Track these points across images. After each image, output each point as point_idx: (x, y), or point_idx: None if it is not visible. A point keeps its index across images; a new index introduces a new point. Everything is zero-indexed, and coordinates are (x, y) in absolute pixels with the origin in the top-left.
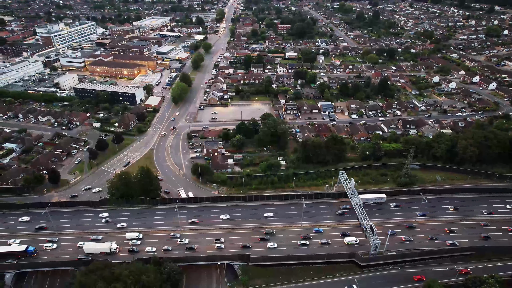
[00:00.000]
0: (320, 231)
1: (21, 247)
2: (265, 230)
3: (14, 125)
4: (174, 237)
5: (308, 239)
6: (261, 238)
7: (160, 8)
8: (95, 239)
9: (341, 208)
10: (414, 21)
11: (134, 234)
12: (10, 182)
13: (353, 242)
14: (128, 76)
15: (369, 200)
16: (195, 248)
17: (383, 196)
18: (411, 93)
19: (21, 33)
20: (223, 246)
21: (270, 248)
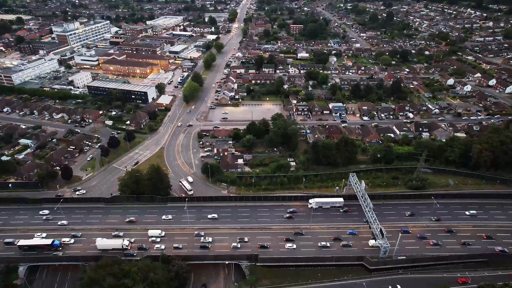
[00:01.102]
0: (354, 233)
1: (47, 241)
2: (294, 231)
3: (29, 121)
4: (198, 235)
5: (339, 240)
6: (287, 239)
7: (173, 8)
8: (117, 236)
9: (288, 211)
10: (429, 22)
11: (156, 232)
12: (24, 177)
13: (377, 244)
14: (141, 74)
15: (326, 203)
16: (209, 247)
17: (340, 200)
18: (424, 96)
19: (38, 32)
20: (239, 246)
21: (289, 249)
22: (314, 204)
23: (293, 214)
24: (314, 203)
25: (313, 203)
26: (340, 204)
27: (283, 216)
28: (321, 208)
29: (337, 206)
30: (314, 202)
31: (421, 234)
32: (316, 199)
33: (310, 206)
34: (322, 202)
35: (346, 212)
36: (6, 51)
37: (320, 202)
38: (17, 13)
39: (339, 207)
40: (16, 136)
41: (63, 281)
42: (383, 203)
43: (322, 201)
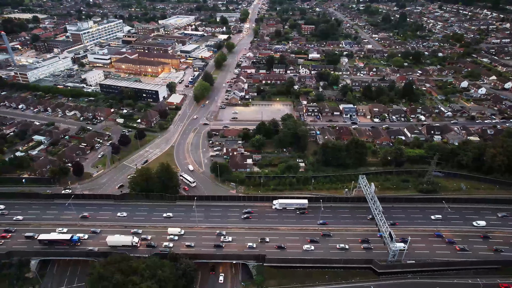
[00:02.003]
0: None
1: (66, 236)
2: (322, 232)
3: (43, 118)
4: (220, 234)
5: (367, 242)
6: (311, 240)
7: (185, 7)
8: (136, 233)
9: (244, 211)
10: (443, 23)
11: (176, 230)
12: (38, 173)
13: (401, 247)
14: (152, 73)
15: (290, 205)
16: (223, 247)
17: (304, 202)
18: (437, 98)
19: (53, 30)
20: (254, 246)
21: (307, 250)
22: (278, 205)
23: (250, 215)
24: (278, 204)
25: (277, 204)
26: (305, 206)
27: (293, 216)
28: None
29: (302, 208)
30: (278, 203)
31: (449, 238)
32: (280, 200)
33: (274, 207)
34: (286, 204)
35: (303, 214)
36: (22, 49)
37: (284, 203)
38: (33, 12)
39: (303, 209)
40: (30, 133)
41: (73, 275)
42: (393, 206)
43: (286, 203)
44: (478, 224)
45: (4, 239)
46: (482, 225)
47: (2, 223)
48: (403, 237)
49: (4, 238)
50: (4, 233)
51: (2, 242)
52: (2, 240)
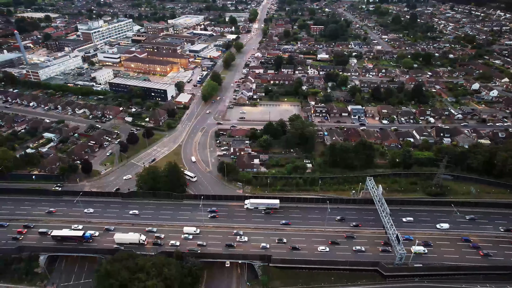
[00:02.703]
0: (410, 239)
1: (79, 233)
2: (346, 234)
3: (53, 116)
4: (237, 234)
5: (388, 245)
6: (333, 242)
7: (195, 7)
8: (150, 231)
9: (209, 210)
10: (454, 24)
11: (191, 229)
12: (47, 170)
13: (421, 251)
14: (161, 72)
15: (261, 205)
16: (234, 246)
17: (276, 202)
18: (447, 100)
19: (64, 29)
20: (268, 246)
21: (322, 251)
22: (249, 205)
23: (216, 214)
24: (249, 204)
25: (249, 204)
26: (276, 206)
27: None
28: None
29: (273, 208)
30: (250, 203)
31: (474, 243)
32: (251, 200)
33: (246, 207)
34: (257, 203)
35: (268, 214)
36: (34, 48)
37: (256, 203)
38: (45, 11)
39: (275, 209)
40: (40, 130)
41: (81, 271)
42: (400, 209)
43: (258, 202)
44: (441, 226)
45: (21, 234)
46: (445, 227)
47: (21, 218)
48: (426, 240)
49: (21, 233)
50: (20, 229)
51: (21, 237)
52: (21, 235)
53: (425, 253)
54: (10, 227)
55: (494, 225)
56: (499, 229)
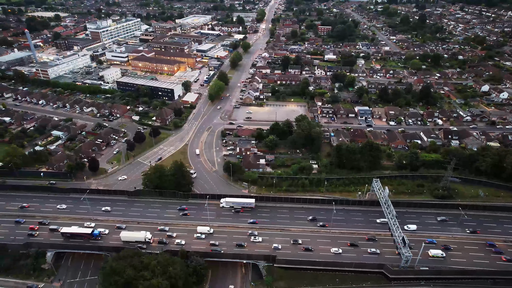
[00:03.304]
0: (434, 242)
1: (87, 230)
2: (367, 237)
3: (62, 114)
4: (252, 234)
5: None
6: (352, 244)
7: (202, 7)
8: (163, 230)
9: (178, 208)
10: (464, 25)
11: (205, 228)
12: (55, 167)
13: (439, 255)
14: (168, 72)
15: (237, 204)
16: (245, 246)
17: (251, 201)
18: (456, 102)
19: (74, 29)
20: (280, 247)
21: (335, 253)
22: (224, 203)
23: (188, 212)
24: (225, 202)
25: (224, 203)
26: (251, 205)
27: (307, 218)
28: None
29: (248, 207)
30: (225, 201)
31: (498, 248)
32: (227, 199)
33: (221, 205)
34: (233, 202)
35: (238, 212)
36: (44, 47)
37: (231, 202)
38: (55, 10)
39: (250, 208)
40: (49, 128)
41: (87, 268)
42: (407, 211)
43: (233, 201)
44: (409, 228)
45: (33, 231)
46: (413, 229)
47: (36, 215)
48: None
49: (33, 229)
50: (32, 225)
51: (37, 234)
52: (36, 232)
53: (443, 257)
54: (27, 223)
55: (503, 229)
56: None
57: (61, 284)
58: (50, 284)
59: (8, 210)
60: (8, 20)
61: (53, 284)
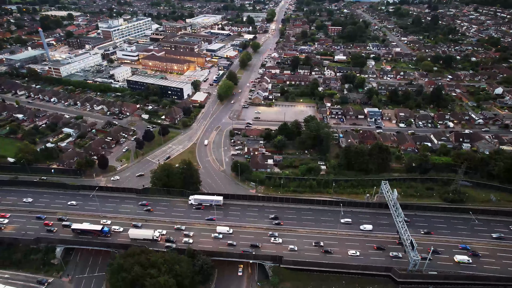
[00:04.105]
0: (467, 248)
1: (97, 227)
2: (398, 240)
3: (72, 111)
4: (272, 235)
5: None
6: (378, 247)
7: (213, 7)
8: (179, 229)
9: (140, 203)
10: (478, 27)
11: (225, 228)
12: (65, 164)
13: (465, 260)
14: (178, 71)
15: (205, 201)
16: (259, 246)
17: (219, 199)
18: (468, 105)
19: (86, 27)
20: (295, 248)
21: (352, 256)
22: (193, 201)
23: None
24: (193, 200)
25: (192, 200)
26: (219, 203)
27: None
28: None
29: (217, 204)
30: (193, 199)
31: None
32: (195, 196)
33: (190, 202)
34: (201, 199)
35: (199, 209)
36: (56, 45)
37: (200, 199)
38: (68, 9)
39: (218, 205)
40: (60, 125)
41: (95, 264)
42: (415, 214)
43: (201, 198)
44: (364, 228)
45: (47, 226)
46: (369, 229)
47: (56, 211)
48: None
49: (47, 225)
50: (47, 221)
51: (56, 229)
52: (54, 228)
53: (470, 263)
54: (47, 219)
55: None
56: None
57: (69, 279)
58: (59, 279)
59: (20, 205)
60: (23, 19)
61: (62, 279)
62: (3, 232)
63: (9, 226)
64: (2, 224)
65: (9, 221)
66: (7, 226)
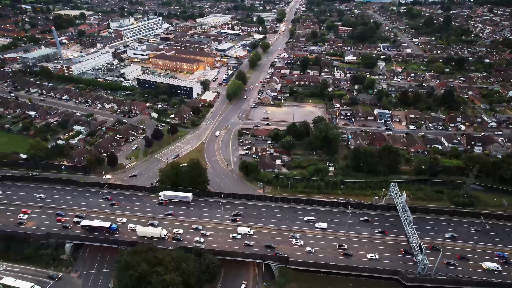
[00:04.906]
0: (505, 256)
1: (105, 224)
2: (431, 245)
3: (83, 109)
4: (293, 237)
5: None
6: (405, 251)
7: (223, 6)
8: (196, 228)
9: (104, 197)
10: (492, 28)
11: (246, 229)
12: (75, 161)
13: (494, 268)
14: (187, 70)
15: (174, 197)
16: (274, 247)
17: (188, 195)
18: (480, 107)
19: (97, 26)
20: (313, 251)
21: (372, 259)
22: (163, 196)
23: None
24: (163, 195)
25: (162, 196)
26: (188, 199)
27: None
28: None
29: (186, 201)
30: (163, 195)
31: None
32: (165, 192)
33: (160, 198)
34: (170, 196)
35: (161, 205)
36: (68, 44)
37: (169, 195)
38: (81, 9)
39: (187, 202)
40: (71, 123)
41: (103, 261)
42: (424, 217)
43: (171, 195)
44: (319, 226)
45: (59, 222)
46: (323, 227)
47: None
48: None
49: (60, 221)
50: (59, 217)
51: (71, 226)
52: (69, 224)
53: (499, 271)
54: (67, 216)
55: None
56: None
57: (78, 275)
58: (68, 274)
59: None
60: (37, 18)
61: (70, 274)
62: (18, 227)
63: (29, 222)
64: (23, 219)
65: (28, 217)
66: (27, 222)
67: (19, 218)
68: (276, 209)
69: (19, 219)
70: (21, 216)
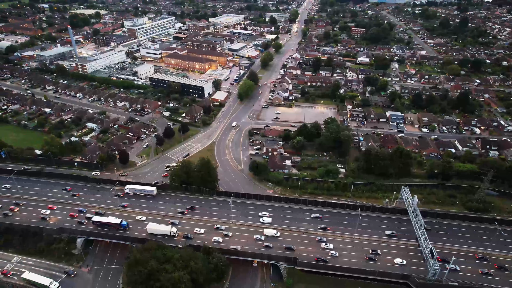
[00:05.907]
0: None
1: (116, 220)
2: (478, 255)
3: (96, 107)
4: (321, 240)
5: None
6: (442, 259)
7: (236, 6)
8: (219, 228)
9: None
10: (511, 29)
11: (272, 231)
12: (88, 158)
13: None
14: (199, 70)
15: (139, 191)
16: (294, 249)
17: (152, 189)
18: (497, 111)
19: (112, 25)
20: (337, 254)
21: (399, 264)
22: (128, 190)
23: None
24: (129, 189)
25: (128, 189)
26: (153, 193)
27: None
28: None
29: (150, 194)
30: (128, 188)
31: None
32: (130, 186)
33: (125, 191)
34: (135, 189)
35: (119, 197)
36: (83, 42)
37: (134, 188)
38: (96, 8)
39: (151, 195)
40: (84, 120)
41: (113, 257)
42: (436, 222)
43: (136, 188)
44: (263, 220)
45: (72, 218)
46: (268, 221)
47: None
48: None
49: (73, 217)
50: (72, 213)
51: (86, 222)
52: (84, 220)
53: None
54: (88, 212)
55: None
56: None
57: (89, 270)
58: (79, 269)
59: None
60: (54, 17)
61: (81, 269)
62: (28, 221)
63: (52, 218)
64: (46, 215)
65: (51, 213)
66: (51, 218)
67: (42, 213)
68: (285, 210)
69: (43, 214)
70: (44, 211)
